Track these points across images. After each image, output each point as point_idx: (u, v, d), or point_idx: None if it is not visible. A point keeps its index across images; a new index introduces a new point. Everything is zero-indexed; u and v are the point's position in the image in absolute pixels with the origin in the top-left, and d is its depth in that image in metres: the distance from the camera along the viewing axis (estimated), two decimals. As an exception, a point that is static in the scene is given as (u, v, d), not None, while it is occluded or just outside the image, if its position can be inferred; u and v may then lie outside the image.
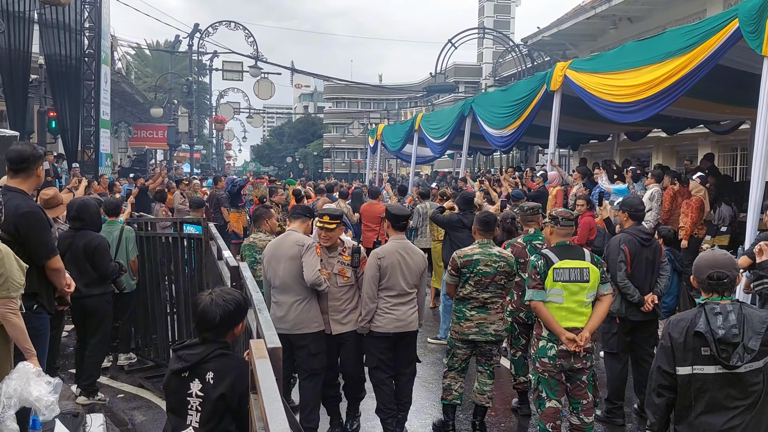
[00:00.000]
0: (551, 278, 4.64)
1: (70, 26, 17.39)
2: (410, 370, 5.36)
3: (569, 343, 4.55)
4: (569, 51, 21.72)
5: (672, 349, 3.22)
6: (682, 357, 3.20)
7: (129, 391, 6.61)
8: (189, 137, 31.75)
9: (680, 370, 3.20)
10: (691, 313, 3.29)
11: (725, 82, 8.91)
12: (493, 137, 13.49)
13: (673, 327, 3.26)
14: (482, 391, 5.46)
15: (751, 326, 3.11)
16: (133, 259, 6.94)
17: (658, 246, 5.89)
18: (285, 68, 36.56)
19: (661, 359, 3.28)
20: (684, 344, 3.19)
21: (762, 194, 6.72)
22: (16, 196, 4.24)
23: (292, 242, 5.10)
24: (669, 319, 3.40)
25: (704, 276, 3.28)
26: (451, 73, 40.94)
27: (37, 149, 4.45)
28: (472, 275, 5.29)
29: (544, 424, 4.72)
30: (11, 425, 3.69)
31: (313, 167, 66.99)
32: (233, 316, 3.06)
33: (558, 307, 4.64)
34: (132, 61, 43.08)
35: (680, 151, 18.13)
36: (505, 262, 5.36)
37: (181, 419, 3.02)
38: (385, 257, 5.07)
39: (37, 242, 4.24)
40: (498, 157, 29.14)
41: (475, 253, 5.35)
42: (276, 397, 1.96)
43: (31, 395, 3.69)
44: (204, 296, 3.08)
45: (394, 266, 5.08)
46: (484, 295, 5.31)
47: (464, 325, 5.35)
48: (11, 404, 3.65)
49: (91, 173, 17.46)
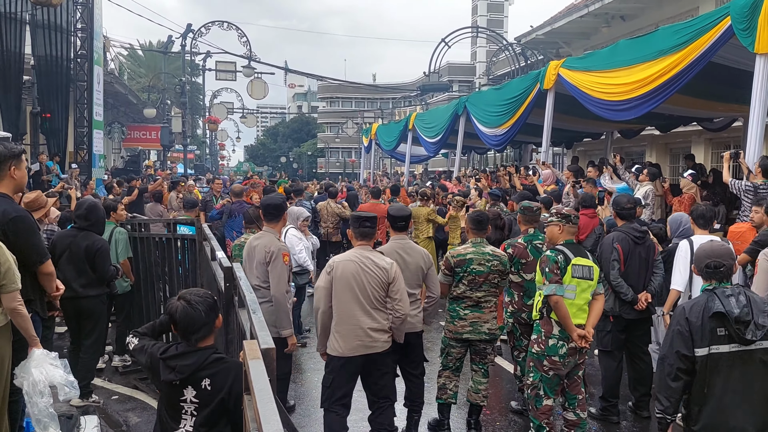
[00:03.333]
0: (570, 274, 4.67)
1: (62, 27, 17.32)
2: (419, 371, 5.34)
3: (579, 340, 4.61)
4: (562, 49, 21.74)
5: (690, 333, 3.43)
6: (700, 339, 3.42)
7: (123, 392, 6.58)
8: (182, 138, 31.67)
9: (698, 352, 3.43)
10: (702, 298, 3.52)
11: (718, 79, 8.93)
12: (487, 136, 13.50)
13: (689, 312, 3.47)
14: (477, 390, 5.47)
15: (757, 306, 3.40)
16: (124, 260, 6.91)
17: (651, 244, 5.89)
18: (278, 68, 36.60)
19: (677, 344, 3.46)
20: (701, 327, 3.42)
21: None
22: (2, 201, 4.09)
23: (261, 247, 5.23)
24: (679, 307, 3.65)
25: (702, 265, 3.59)
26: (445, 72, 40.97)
27: (9, 148, 4.19)
28: (465, 274, 5.28)
29: (540, 421, 4.75)
30: (50, 410, 3.84)
31: (307, 167, 66.96)
32: (213, 311, 3.07)
33: (570, 304, 4.68)
34: (125, 62, 42.93)
35: (674, 149, 18.17)
36: (499, 261, 5.35)
37: (174, 422, 3.01)
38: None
39: (28, 247, 4.14)
40: (492, 156, 29.19)
41: (468, 253, 5.34)
42: (269, 398, 1.95)
43: (56, 378, 3.88)
44: (177, 303, 3.06)
45: None
46: (477, 294, 5.30)
47: (458, 324, 5.34)
48: (46, 390, 3.83)
49: (85, 174, 17.42)
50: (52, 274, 4.38)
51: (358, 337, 4.56)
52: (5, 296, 3.82)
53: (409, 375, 5.32)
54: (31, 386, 3.81)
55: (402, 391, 5.39)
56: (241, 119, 47.05)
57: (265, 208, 5.55)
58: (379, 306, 4.63)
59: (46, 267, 4.30)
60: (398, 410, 5.38)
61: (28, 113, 16.94)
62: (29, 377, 3.83)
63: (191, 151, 39.14)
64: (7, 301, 3.84)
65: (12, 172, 4.14)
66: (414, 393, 5.32)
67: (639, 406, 5.93)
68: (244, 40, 29.66)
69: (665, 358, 3.54)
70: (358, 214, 4.89)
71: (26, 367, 3.88)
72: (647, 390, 5.97)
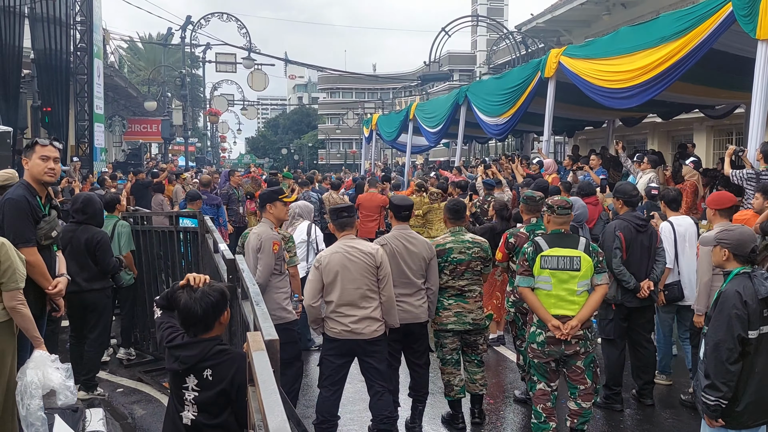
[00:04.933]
0: (538, 265, 4.66)
1: (61, 20, 17.27)
2: (423, 360, 5.35)
3: (555, 331, 4.58)
4: (563, 37, 21.67)
5: (748, 316, 3.58)
6: (755, 321, 3.59)
7: (128, 385, 6.61)
8: (183, 130, 31.63)
9: (751, 334, 3.60)
10: (746, 282, 3.65)
11: (720, 66, 8.91)
12: (488, 125, 13.47)
13: (745, 296, 3.59)
14: (473, 380, 5.50)
15: None
16: (126, 253, 6.93)
17: (653, 232, 5.88)
18: (278, 59, 36.54)
19: (737, 328, 3.57)
20: (756, 309, 3.59)
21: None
22: (18, 186, 4.41)
23: (254, 234, 5.32)
24: (728, 291, 3.66)
25: (748, 249, 3.74)
26: (446, 61, 40.91)
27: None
28: (447, 264, 5.31)
29: (536, 406, 4.78)
30: (40, 413, 3.79)
31: (308, 158, 66.90)
32: (216, 309, 3.05)
33: (547, 294, 4.66)
34: (125, 55, 42.85)
35: (675, 137, 18.15)
36: (479, 248, 5.36)
37: (180, 406, 3.05)
38: (385, 245, 5.06)
39: (8, 227, 4.25)
40: (493, 145, 29.15)
41: (448, 242, 5.36)
42: (273, 389, 1.95)
43: (53, 381, 3.84)
44: (182, 294, 3.04)
45: (394, 254, 5.04)
46: (460, 283, 5.32)
47: (443, 315, 5.34)
48: (37, 393, 3.78)
49: (86, 168, 17.42)
50: (33, 264, 4.30)
51: (345, 325, 4.71)
52: (5, 294, 3.86)
53: (413, 365, 5.34)
54: (24, 387, 3.79)
55: (407, 381, 5.41)
56: (241, 111, 46.97)
57: (260, 199, 5.68)
58: (370, 293, 4.73)
59: (26, 253, 4.22)
60: (402, 400, 5.41)
61: (28, 107, 16.92)
62: (24, 378, 3.81)
63: (192, 143, 39.15)
64: (7, 300, 3.87)
65: (24, 163, 4.47)
66: (418, 383, 5.34)
67: (642, 394, 5.94)
68: (244, 31, 29.59)
69: (721, 344, 3.60)
70: (334, 207, 5.03)
71: (23, 368, 3.86)
72: (650, 378, 5.99)
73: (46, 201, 4.55)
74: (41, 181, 4.44)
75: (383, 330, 4.83)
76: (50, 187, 4.73)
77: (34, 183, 4.44)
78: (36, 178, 4.42)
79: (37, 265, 4.37)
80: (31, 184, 4.43)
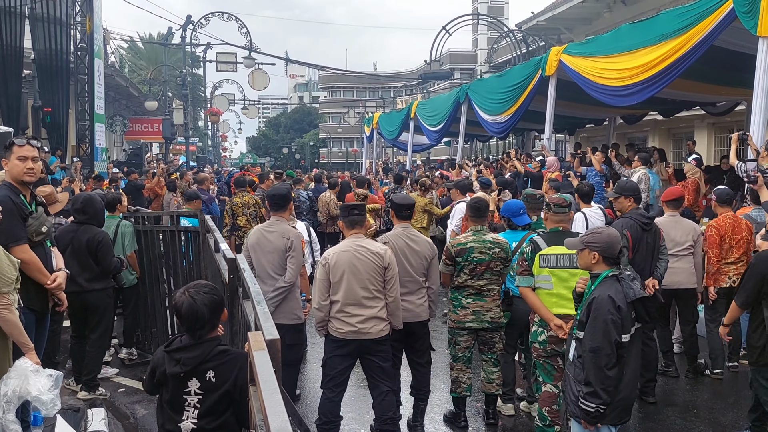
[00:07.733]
0: (537, 264, 4.64)
1: (62, 20, 17.27)
2: (425, 360, 5.33)
3: (558, 330, 4.55)
4: (564, 35, 21.64)
5: (622, 320, 3.69)
6: (627, 325, 3.71)
7: (130, 385, 6.60)
8: (184, 130, 31.59)
9: (624, 338, 3.73)
10: (612, 287, 3.73)
11: (721, 63, 8.90)
12: (489, 123, 13.46)
13: (618, 300, 3.68)
14: (490, 380, 5.42)
15: None
16: (130, 253, 6.93)
17: (657, 230, 5.85)
18: (279, 58, 36.43)
19: (612, 333, 3.66)
20: (627, 313, 3.70)
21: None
22: (1, 188, 4.31)
23: (279, 234, 5.15)
24: (596, 299, 3.75)
25: (616, 251, 3.83)
26: (446, 59, 40.88)
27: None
28: (466, 263, 5.24)
29: (541, 408, 4.73)
30: (13, 427, 3.66)
31: (309, 157, 66.90)
32: (218, 308, 3.06)
33: (548, 293, 4.64)
34: (125, 54, 42.83)
35: (676, 134, 18.13)
36: (500, 248, 5.29)
37: (177, 414, 3.01)
38: (388, 243, 5.04)
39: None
40: (495, 143, 29.12)
41: (469, 241, 5.28)
42: (275, 389, 1.95)
43: (30, 393, 3.66)
44: (182, 297, 3.05)
45: (396, 253, 5.01)
46: (479, 283, 5.25)
47: (461, 313, 5.30)
48: (10, 407, 3.62)
49: (87, 168, 17.42)
50: (27, 262, 4.27)
51: (352, 325, 4.65)
52: None
53: (415, 364, 5.32)
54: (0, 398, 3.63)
55: (408, 380, 5.40)
56: (242, 110, 46.96)
57: (271, 198, 5.50)
58: (376, 293, 4.69)
59: (18, 252, 4.21)
60: (404, 399, 5.40)
61: (29, 107, 16.92)
62: (2, 388, 3.64)
63: (193, 143, 39.08)
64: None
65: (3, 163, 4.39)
66: (420, 382, 5.32)
67: (644, 391, 5.92)
68: (244, 31, 29.56)
69: (599, 350, 3.65)
70: (346, 204, 4.97)
71: (5, 377, 3.70)
72: (653, 375, 5.97)
73: (30, 199, 4.54)
74: (21, 181, 4.42)
75: (389, 330, 4.81)
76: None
77: (15, 183, 4.41)
78: (16, 178, 4.40)
79: (32, 261, 4.36)
80: (13, 184, 4.40)
